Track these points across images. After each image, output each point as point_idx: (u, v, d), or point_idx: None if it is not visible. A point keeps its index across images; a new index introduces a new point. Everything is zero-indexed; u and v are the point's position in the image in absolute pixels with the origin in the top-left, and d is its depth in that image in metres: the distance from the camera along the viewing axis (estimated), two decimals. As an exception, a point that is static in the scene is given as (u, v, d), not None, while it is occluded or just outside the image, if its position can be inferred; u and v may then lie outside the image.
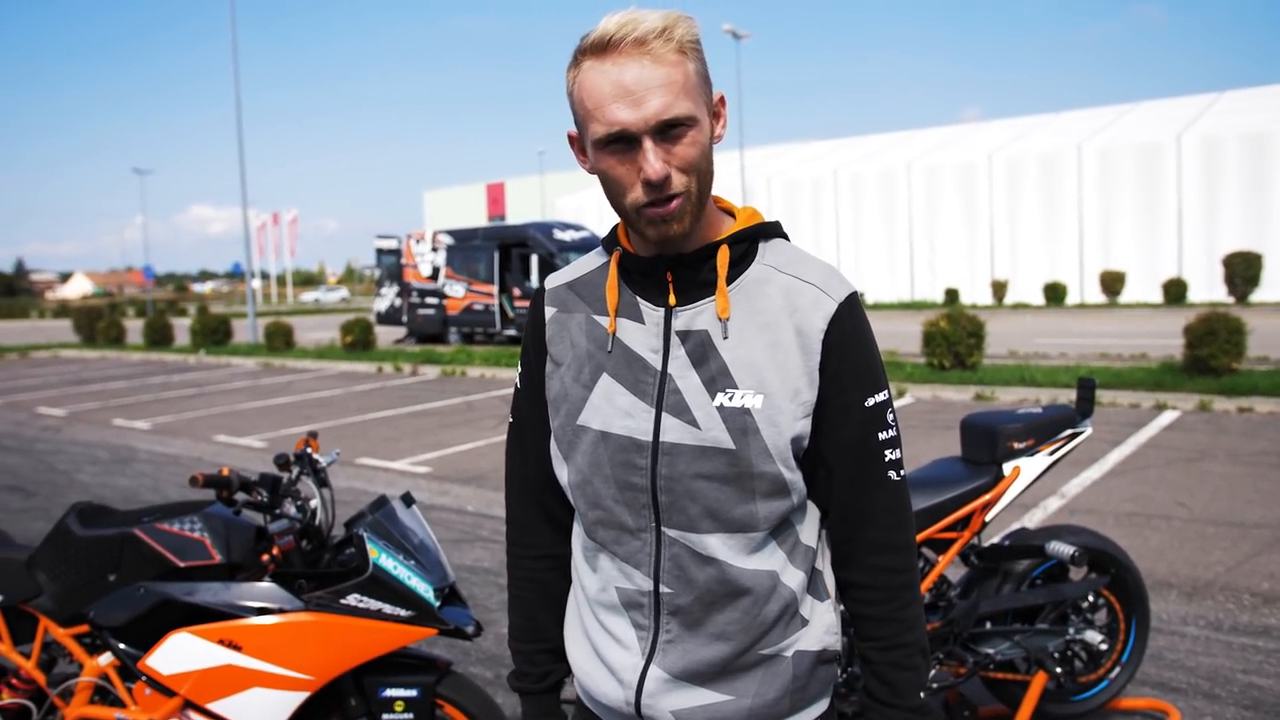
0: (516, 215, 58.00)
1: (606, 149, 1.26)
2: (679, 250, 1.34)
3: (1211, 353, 11.01)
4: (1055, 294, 30.61)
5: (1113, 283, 30.19)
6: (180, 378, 18.50)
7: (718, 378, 1.32)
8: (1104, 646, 3.30)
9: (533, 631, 1.58)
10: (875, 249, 36.15)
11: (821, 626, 1.42)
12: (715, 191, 1.37)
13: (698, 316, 1.35)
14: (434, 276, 25.15)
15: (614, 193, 1.30)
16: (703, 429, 1.31)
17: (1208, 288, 28.82)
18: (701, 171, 1.28)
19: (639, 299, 1.38)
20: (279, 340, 21.99)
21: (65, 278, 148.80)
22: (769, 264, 1.37)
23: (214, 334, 24.13)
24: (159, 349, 24.98)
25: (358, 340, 20.50)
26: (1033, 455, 3.16)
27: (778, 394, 1.31)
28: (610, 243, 1.45)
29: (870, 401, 1.35)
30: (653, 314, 1.37)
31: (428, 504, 7.31)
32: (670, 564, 1.36)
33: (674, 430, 1.33)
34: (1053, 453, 3.19)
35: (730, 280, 1.35)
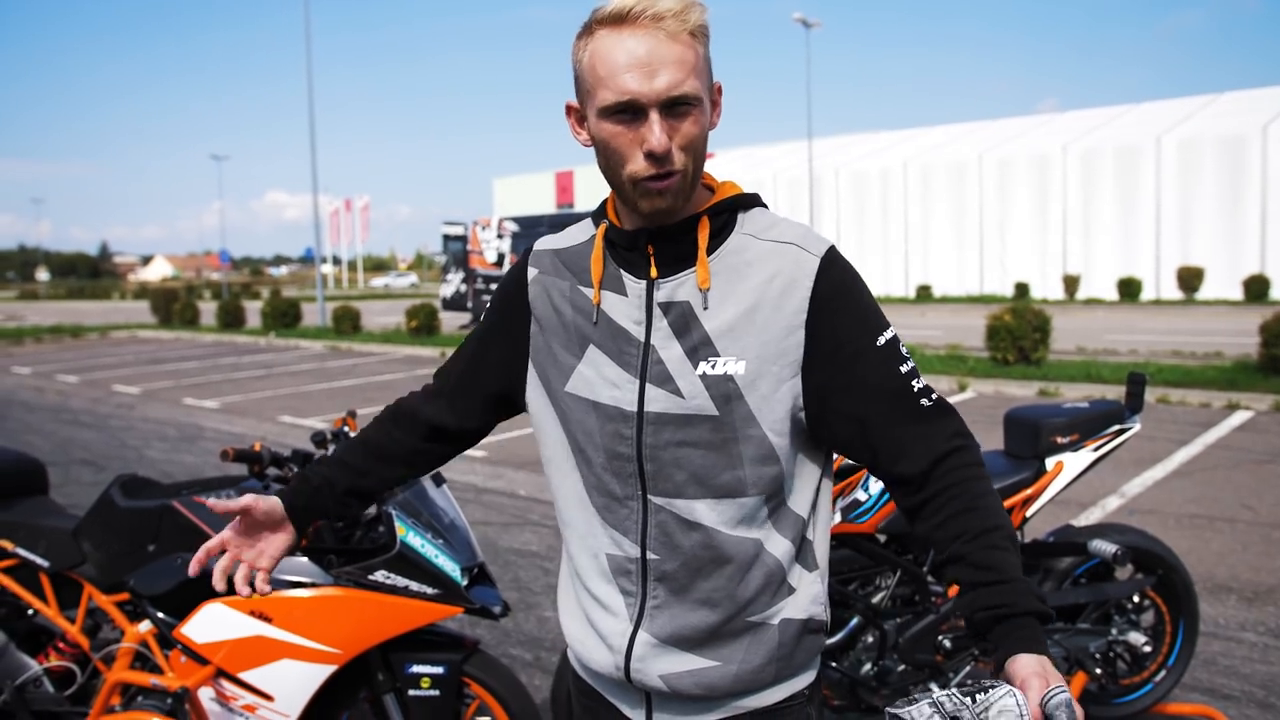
0: (585, 203, 58.17)
1: (612, 117, 1.28)
2: (662, 223, 1.36)
3: (1290, 352, 10.61)
4: (1129, 290, 29.75)
5: (1190, 279, 29.24)
6: (250, 359, 18.98)
7: (699, 347, 1.34)
8: (1148, 649, 3.20)
9: (336, 462, 1.61)
10: (944, 242, 35.51)
11: (808, 596, 1.43)
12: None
13: (679, 288, 1.36)
14: (499, 263, 25.36)
15: (612, 163, 1.32)
16: (686, 397, 1.34)
17: (1292, 285, 27.77)
18: (698, 152, 1.32)
19: (622, 272, 1.41)
20: (346, 324, 22.42)
21: (146, 261, 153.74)
22: (747, 233, 1.39)
23: (284, 317, 24.69)
24: (231, 331, 25.65)
25: (422, 325, 20.80)
26: (1077, 450, 3.08)
27: (761, 358, 1.33)
28: (598, 216, 1.47)
29: (881, 340, 1.35)
30: (635, 286, 1.39)
31: (481, 487, 7.40)
32: (656, 530, 1.38)
33: (658, 400, 1.35)
34: (1098, 448, 3.11)
35: (711, 251, 1.37)
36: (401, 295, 61.40)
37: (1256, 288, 27.36)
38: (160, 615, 2.63)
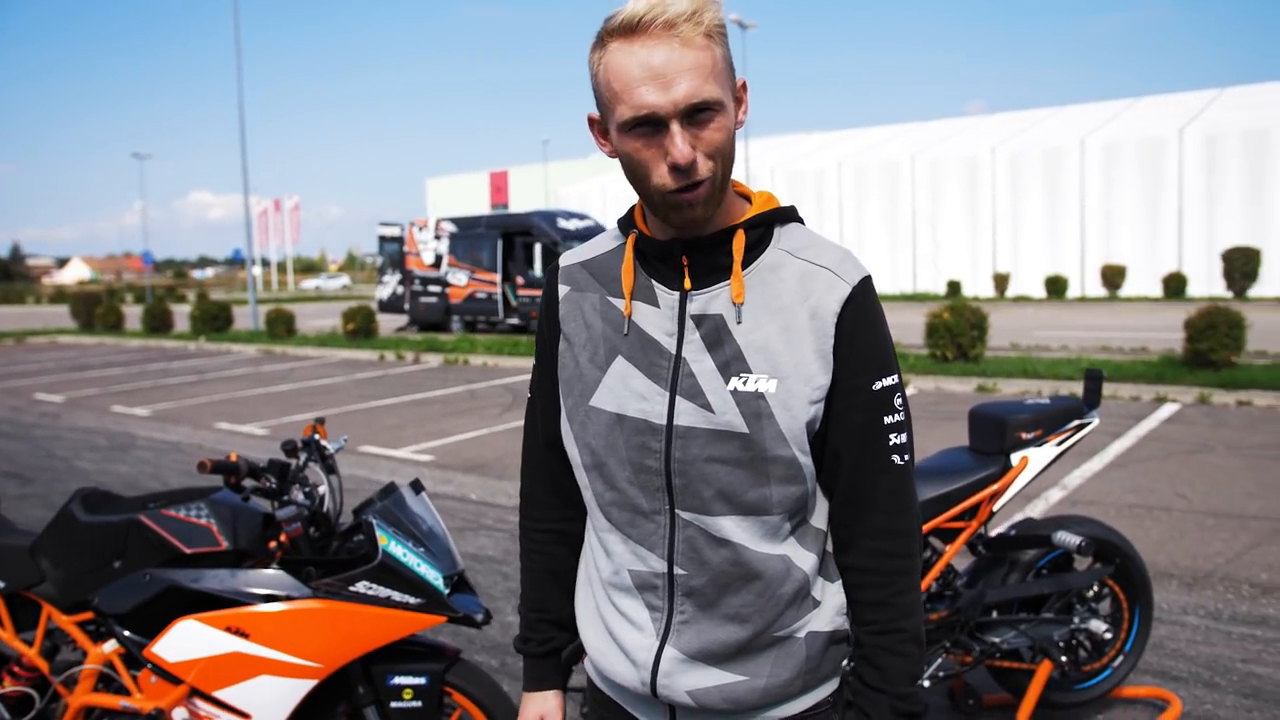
0: (519, 204, 57.90)
1: (633, 132, 1.26)
2: (696, 234, 1.34)
3: (1211, 346, 11.02)
4: (1056, 287, 30.59)
5: (1113, 276, 30.19)
6: (180, 364, 18.48)
7: (732, 362, 1.32)
8: (1108, 635, 3.31)
9: (538, 601, 1.60)
10: (878, 241, 36.10)
11: (833, 608, 1.43)
12: None
13: (713, 301, 1.35)
14: (437, 264, 25.11)
15: (638, 176, 1.29)
16: (716, 413, 1.32)
17: (1207, 282, 28.83)
18: (726, 156, 1.28)
19: (654, 282, 1.38)
20: (280, 327, 21.95)
21: (62, 263, 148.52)
22: (784, 249, 1.37)
23: (214, 321, 24.09)
24: (158, 335, 24.95)
25: (360, 328, 20.48)
26: (1041, 445, 3.16)
27: (792, 378, 1.31)
28: (626, 225, 1.44)
29: (878, 385, 1.35)
30: (667, 297, 1.37)
31: (431, 492, 7.27)
32: (684, 546, 1.36)
33: (688, 414, 1.33)
34: (1060, 443, 3.19)
35: (745, 265, 1.35)
36: (334, 297, 60.41)
37: (1175, 285, 28.37)
38: (128, 634, 2.55)
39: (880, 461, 1.36)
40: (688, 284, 1.36)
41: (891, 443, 1.36)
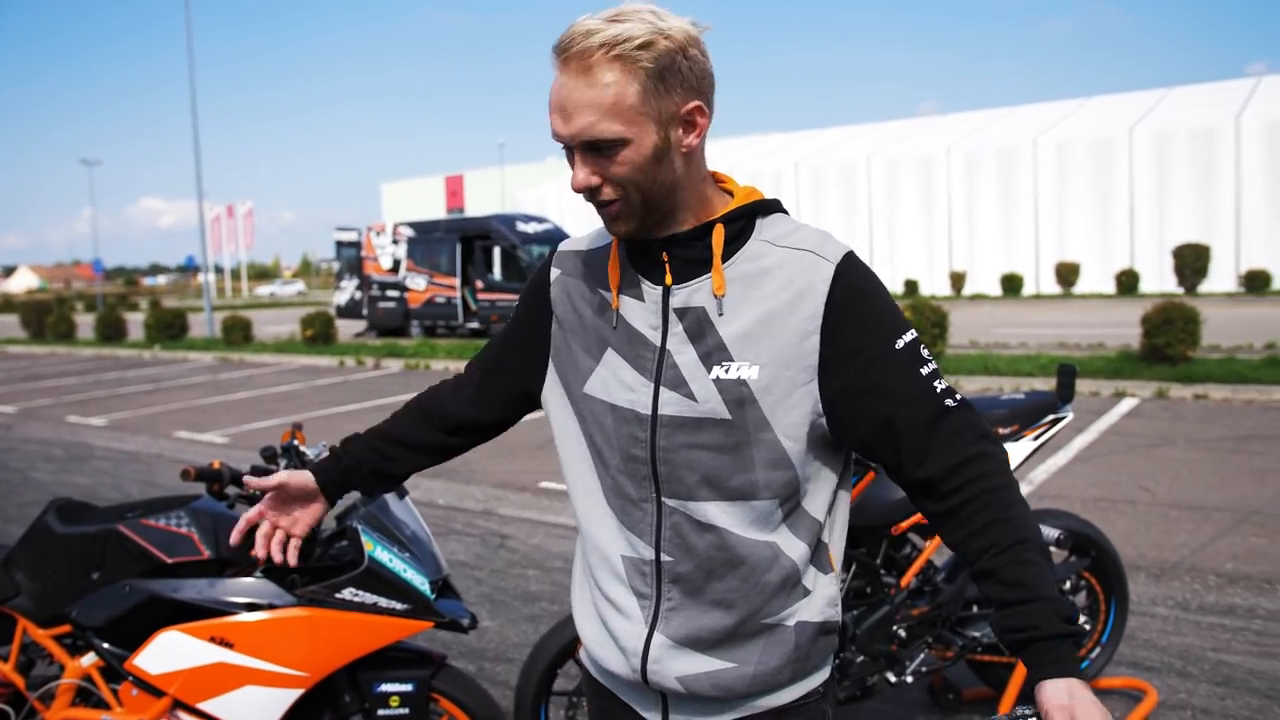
0: (476, 208, 57.63)
1: (563, 149, 1.34)
2: (666, 233, 1.38)
3: (1168, 341, 11.24)
4: (1012, 285, 31.03)
5: (1067, 274, 30.69)
6: (135, 373, 18.14)
7: (714, 352, 1.35)
8: (1085, 627, 3.36)
9: (383, 432, 1.72)
10: (835, 241, 36.36)
11: (824, 598, 1.44)
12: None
13: (694, 294, 1.37)
14: (395, 269, 24.90)
15: None
16: (699, 401, 1.35)
17: (1159, 278, 29.41)
18: (635, 182, 1.31)
19: (640, 277, 1.42)
20: (237, 334, 21.64)
21: (9, 272, 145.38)
22: (765, 239, 1.39)
23: (169, 328, 23.69)
24: (111, 344, 24.44)
25: (318, 334, 20.24)
26: (1017, 440, 3.20)
27: (775, 364, 1.33)
28: None
29: (900, 343, 1.34)
30: (652, 292, 1.41)
31: (398, 498, 7.23)
32: (670, 532, 1.39)
33: (672, 403, 1.37)
34: (1036, 438, 3.24)
35: (727, 257, 1.37)
36: (290, 303, 59.65)
37: (1127, 281, 28.93)
38: (107, 647, 2.49)
39: (936, 410, 1.33)
40: (669, 279, 1.39)
41: (938, 389, 1.35)
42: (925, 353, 1.37)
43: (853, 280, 1.35)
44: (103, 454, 9.79)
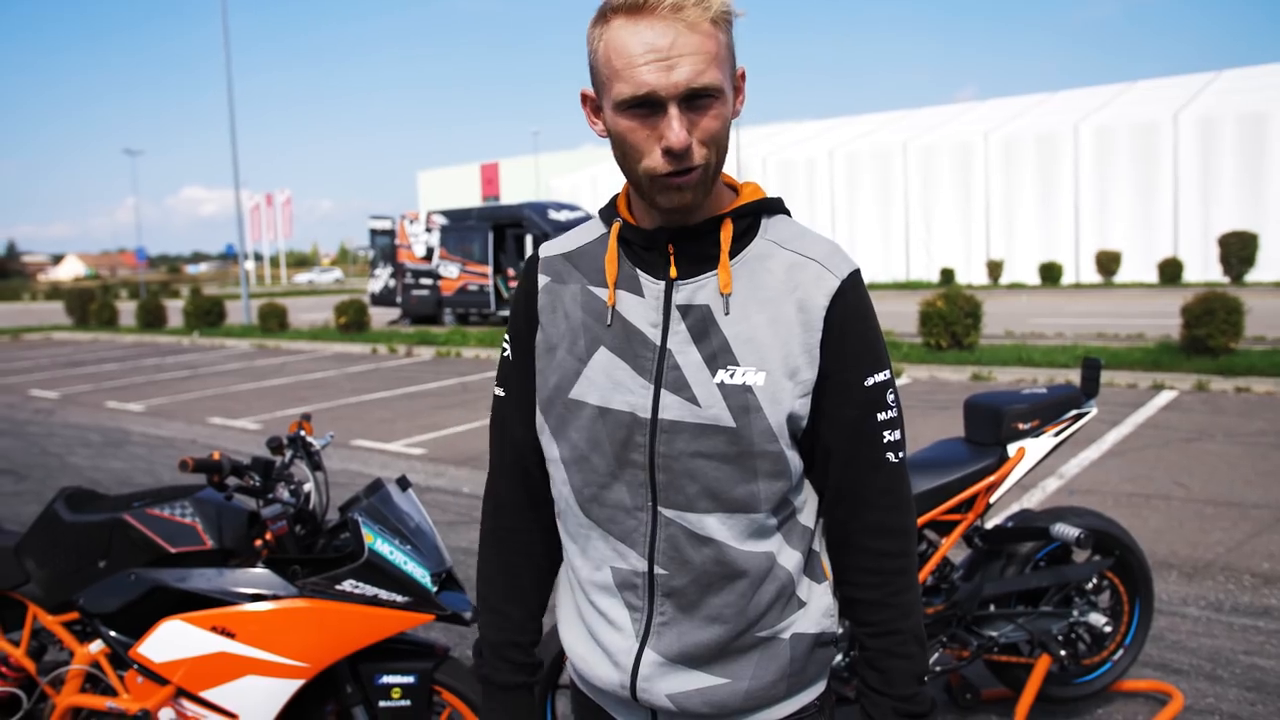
0: (511, 196, 57.76)
1: (629, 112, 1.22)
2: (683, 223, 1.31)
3: (1209, 332, 10.98)
4: (1050, 274, 30.57)
5: (1108, 263, 30.16)
6: (174, 360, 18.41)
7: (719, 354, 1.29)
8: (1108, 629, 3.27)
9: (503, 622, 1.50)
10: (870, 229, 36.05)
11: (819, 609, 1.39)
12: None
13: (699, 291, 1.31)
14: (428, 257, 25.04)
15: (629, 157, 1.26)
16: (703, 406, 1.28)
17: (1203, 268, 28.83)
18: (720, 145, 1.25)
19: (639, 271, 1.34)
20: (273, 322, 21.89)
21: (57, 260, 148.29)
22: (771, 239, 1.34)
23: (207, 316, 24.02)
24: (152, 331, 24.85)
25: (352, 321, 20.40)
26: (1038, 436, 3.12)
27: (779, 371, 1.28)
28: (609, 214, 1.40)
29: (870, 381, 1.31)
30: (653, 287, 1.33)
31: (423, 486, 7.27)
32: (666, 544, 1.33)
33: (673, 408, 1.29)
34: (1058, 433, 3.15)
35: (733, 255, 1.32)
36: (327, 291, 60.30)
37: (1170, 271, 28.34)
38: (113, 634, 2.51)
39: (874, 459, 1.33)
40: (674, 272, 1.32)
41: (885, 440, 1.33)
42: (891, 397, 1.34)
43: (853, 301, 1.31)
44: (139, 439, 9.93)
